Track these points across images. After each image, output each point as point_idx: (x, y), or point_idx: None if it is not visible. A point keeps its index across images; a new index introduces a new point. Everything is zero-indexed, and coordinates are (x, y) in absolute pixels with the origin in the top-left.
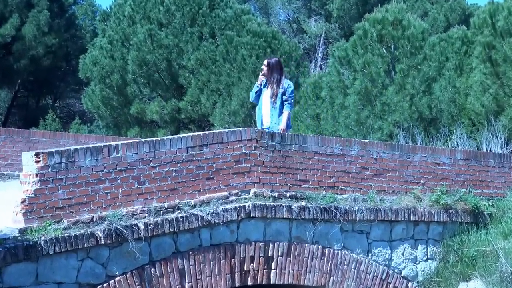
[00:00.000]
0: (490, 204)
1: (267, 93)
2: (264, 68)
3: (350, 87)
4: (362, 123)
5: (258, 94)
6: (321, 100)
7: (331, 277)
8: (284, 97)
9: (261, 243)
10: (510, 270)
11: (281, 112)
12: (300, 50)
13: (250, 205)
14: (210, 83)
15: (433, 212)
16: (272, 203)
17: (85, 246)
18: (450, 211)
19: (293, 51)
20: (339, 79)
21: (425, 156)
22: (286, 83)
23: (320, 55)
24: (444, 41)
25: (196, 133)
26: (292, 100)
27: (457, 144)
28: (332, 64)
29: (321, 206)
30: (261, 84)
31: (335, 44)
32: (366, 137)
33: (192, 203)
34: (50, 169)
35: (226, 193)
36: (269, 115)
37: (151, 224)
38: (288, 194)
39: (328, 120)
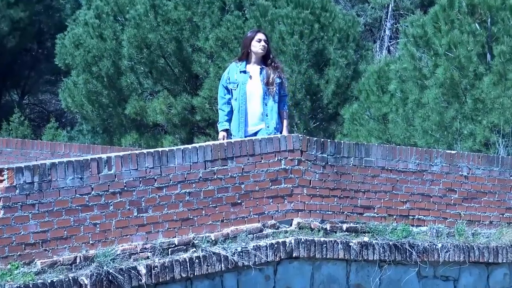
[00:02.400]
0: None
1: (255, 85)
2: (263, 43)
3: (429, 77)
4: (446, 127)
5: (232, 90)
6: (389, 96)
7: None
8: (283, 91)
9: None
10: None
11: (279, 109)
12: (360, 26)
13: (293, 241)
14: None
15: None
16: (322, 238)
17: None
18: None
19: (350, 28)
20: (414, 66)
21: None
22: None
23: (387, 33)
24: None
25: (217, 142)
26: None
27: None
28: (404, 45)
29: (390, 243)
30: (242, 71)
31: (408, 17)
32: (452, 146)
33: (212, 239)
34: (17, 191)
35: (259, 225)
36: (259, 116)
37: (156, 267)
38: (344, 226)
39: (398, 122)
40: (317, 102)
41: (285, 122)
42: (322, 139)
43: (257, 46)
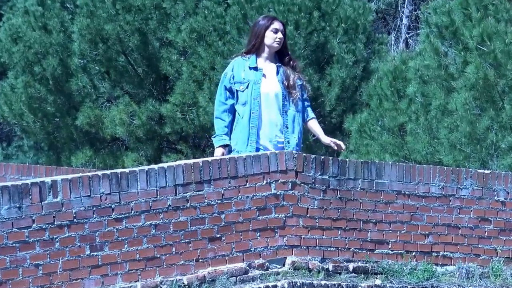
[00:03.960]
0: None
1: (271, 86)
2: (280, 34)
3: (457, 78)
4: (479, 140)
5: (238, 92)
6: (407, 101)
7: None
8: (305, 95)
9: None
10: None
11: (303, 119)
12: (372, 14)
13: (286, 285)
14: (215, 72)
15: None
16: (323, 282)
17: None
18: None
19: (359, 16)
20: (438, 63)
21: None
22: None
23: (405, 22)
24: None
25: (191, 161)
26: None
27: None
28: (426, 37)
29: (409, 287)
30: (253, 68)
31: (431, 2)
32: (487, 164)
33: (185, 283)
34: None
35: (243, 265)
36: (277, 126)
37: None
38: (351, 266)
39: (419, 135)
40: (317, 110)
41: (321, 131)
42: (323, 157)
43: (272, 38)
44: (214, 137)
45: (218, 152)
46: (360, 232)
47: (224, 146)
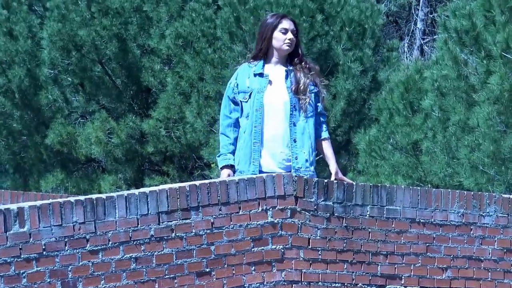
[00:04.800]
0: None
1: (277, 93)
2: (290, 35)
3: (479, 89)
4: (504, 160)
5: (242, 103)
6: (422, 116)
7: None
8: (319, 105)
9: None
10: None
11: (316, 136)
12: (382, 17)
13: None
14: (204, 83)
15: None
16: None
17: None
18: None
19: (367, 20)
20: (457, 73)
21: None
22: None
23: (419, 26)
24: None
25: (176, 185)
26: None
27: None
28: (443, 43)
29: None
30: (258, 74)
31: (449, 4)
32: None
33: None
34: None
35: None
36: (284, 140)
37: None
38: None
39: (436, 154)
40: None
41: (332, 156)
42: (326, 180)
43: (281, 40)
44: (219, 156)
45: (224, 174)
46: (369, 266)
47: (230, 166)
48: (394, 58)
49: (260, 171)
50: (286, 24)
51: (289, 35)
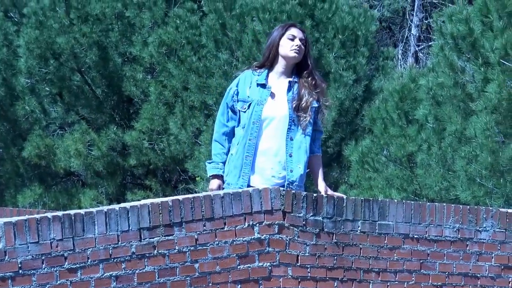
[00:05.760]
0: None
1: (278, 107)
2: (297, 42)
3: (477, 98)
4: (502, 173)
5: (240, 113)
6: (416, 126)
7: None
8: (318, 124)
9: None
10: None
11: (310, 152)
12: (375, 23)
13: None
14: (189, 93)
15: None
16: None
17: None
18: None
19: (360, 26)
20: (454, 81)
21: None
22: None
23: (414, 32)
24: None
25: (158, 200)
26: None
27: None
28: (439, 50)
29: None
30: (260, 85)
31: (445, 9)
32: (511, 201)
33: None
34: None
35: None
36: (277, 157)
37: None
38: None
39: (431, 166)
40: None
41: (321, 172)
42: (315, 194)
43: (287, 46)
44: (210, 163)
45: (214, 185)
46: (361, 284)
47: (220, 176)
48: (388, 66)
49: (249, 186)
50: (294, 31)
51: (297, 42)
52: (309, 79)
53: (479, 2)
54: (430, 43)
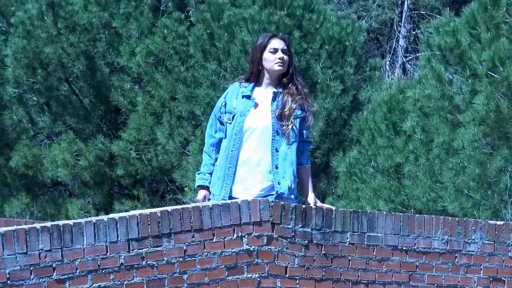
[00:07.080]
0: None
1: (260, 117)
2: (280, 54)
3: (464, 110)
4: (490, 184)
5: (226, 124)
6: (404, 138)
7: None
8: (306, 133)
9: None
10: None
11: (296, 163)
12: (363, 34)
13: None
14: (177, 103)
15: None
16: None
17: None
18: None
19: (347, 37)
20: (441, 92)
21: None
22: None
23: (402, 43)
24: None
25: (147, 211)
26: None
27: None
28: (426, 61)
29: None
30: (245, 96)
31: (432, 20)
32: (499, 213)
33: None
34: None
35: None
36: (261, 168)
37: None
38: None
39: (419, 178)
40: None
41: (310, 184)
42: (304, 206)
43: (270, 60)
44: (198, 173)
45: (200, 196)
46: None
47: (206, 187)
48: (375, 77)
49: (230, 197)
50: (275, 43)
51: (279, 54)
52: (290, 85)
53: (467, 14)
54: (417, 55)
